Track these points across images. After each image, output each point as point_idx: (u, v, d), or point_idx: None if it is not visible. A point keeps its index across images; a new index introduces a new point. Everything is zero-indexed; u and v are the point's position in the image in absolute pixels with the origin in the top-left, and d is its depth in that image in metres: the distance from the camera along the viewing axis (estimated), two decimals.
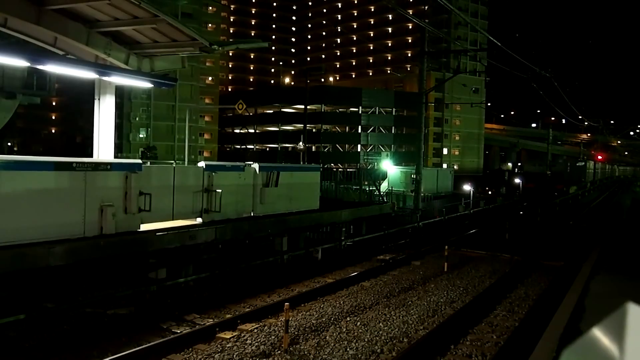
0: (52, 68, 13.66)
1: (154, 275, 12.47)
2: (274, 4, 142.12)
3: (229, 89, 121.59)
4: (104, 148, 16.16)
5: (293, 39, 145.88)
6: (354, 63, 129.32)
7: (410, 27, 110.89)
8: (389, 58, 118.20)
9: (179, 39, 15.64)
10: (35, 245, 10.01)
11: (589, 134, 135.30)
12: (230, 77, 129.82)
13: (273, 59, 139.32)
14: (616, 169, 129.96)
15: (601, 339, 0.79)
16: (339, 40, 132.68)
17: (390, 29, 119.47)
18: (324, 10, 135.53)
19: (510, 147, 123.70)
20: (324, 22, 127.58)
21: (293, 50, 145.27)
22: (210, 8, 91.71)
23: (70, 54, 15.26)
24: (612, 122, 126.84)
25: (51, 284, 10.67)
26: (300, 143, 48.28)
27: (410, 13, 50.95)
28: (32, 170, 10.47)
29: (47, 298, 10.57)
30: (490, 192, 60.49)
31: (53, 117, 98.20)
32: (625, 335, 0.74)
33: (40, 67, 14.03)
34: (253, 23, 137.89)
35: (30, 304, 10.11)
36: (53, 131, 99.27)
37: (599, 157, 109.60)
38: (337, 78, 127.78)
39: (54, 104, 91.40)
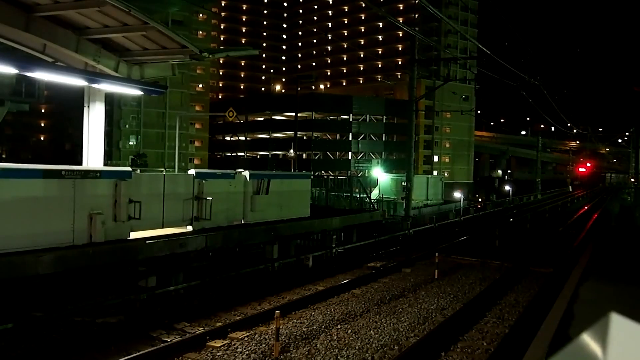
0: (41, 75, 13.61)
1: (144, 284, 12.39)
2: (265, 11, 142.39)
3: (220, 97, 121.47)
4: (93, 155, 16.07)
5: (284, 47, 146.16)
6: (344, 71, 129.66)
7: (400, 35, 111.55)
8: (380, 66, 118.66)
9: (169, 46, 15.62)
10: (23, 254, 9.92)
11: (577, 141, 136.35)
12: (220, 85, 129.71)
13: (264, 66, 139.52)
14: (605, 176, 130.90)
15: (586, 349, 0.80)
16: (329, 48, 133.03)
17: (380, 37, 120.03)
18: (315, 18, 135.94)
19: (500, 155, 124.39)
20: (315, 29, 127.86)
21: (283, 57, 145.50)
22: (201, 15, 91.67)
23: (59, 61, 15.19)
24: (600, 129, 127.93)
25: (40, 293, 10.58)
26: (291, 150, 48.32)
27: (401, 21, 51.18)
28: (21, 178, 10.39)
29: (35, 307, 10.47)
30: (480, 200, 60.84)
31: (42, 125, 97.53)
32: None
33: (29, 74, 13.97)
34: (244, 30, 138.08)
35: (19, 313, 10.01)
36: (42, 138, 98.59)
37: (581, 170, 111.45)
38: (328, 85, 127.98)
39: (43, 111, 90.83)
